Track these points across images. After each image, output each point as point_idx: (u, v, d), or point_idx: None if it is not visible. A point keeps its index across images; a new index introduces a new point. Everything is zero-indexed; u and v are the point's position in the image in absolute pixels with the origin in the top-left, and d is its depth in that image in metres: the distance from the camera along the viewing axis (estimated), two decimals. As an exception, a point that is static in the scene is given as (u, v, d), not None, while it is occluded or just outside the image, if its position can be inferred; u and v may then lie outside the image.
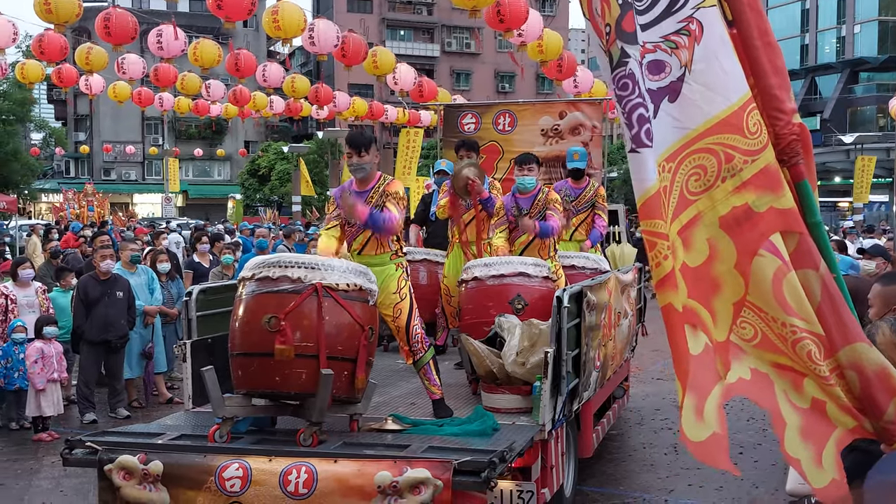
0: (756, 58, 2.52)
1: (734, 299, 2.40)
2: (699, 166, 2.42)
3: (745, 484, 6.17)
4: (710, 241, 2.40)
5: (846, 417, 2.36)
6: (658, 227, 2.31)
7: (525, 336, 4.87)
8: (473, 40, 56.05)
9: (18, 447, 7.27)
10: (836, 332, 2.39)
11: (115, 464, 4.06)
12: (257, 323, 4.16)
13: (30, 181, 37.57)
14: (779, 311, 2.36)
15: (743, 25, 2.50)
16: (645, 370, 10.24)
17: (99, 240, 9.53)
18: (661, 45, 2.39)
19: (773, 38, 2.59)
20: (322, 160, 39.07)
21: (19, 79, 15.43)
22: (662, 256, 2.30)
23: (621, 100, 2.37)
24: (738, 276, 2.39)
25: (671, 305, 2.31)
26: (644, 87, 2.35)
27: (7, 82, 29.98)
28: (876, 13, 51.90)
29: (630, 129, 2.35)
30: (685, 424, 2.31)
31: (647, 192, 2.31)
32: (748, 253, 2.38)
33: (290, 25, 10.55)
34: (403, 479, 3.75)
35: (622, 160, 38.81)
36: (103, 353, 8.02)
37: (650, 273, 2.49)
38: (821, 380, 2.35)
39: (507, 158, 8.66)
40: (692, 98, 2.40)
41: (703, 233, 2.40)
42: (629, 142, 2.37)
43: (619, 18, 2.35)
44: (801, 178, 2.54)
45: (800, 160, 2.52)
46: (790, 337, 2.37)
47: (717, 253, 2.41)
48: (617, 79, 2.37)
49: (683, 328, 2.31)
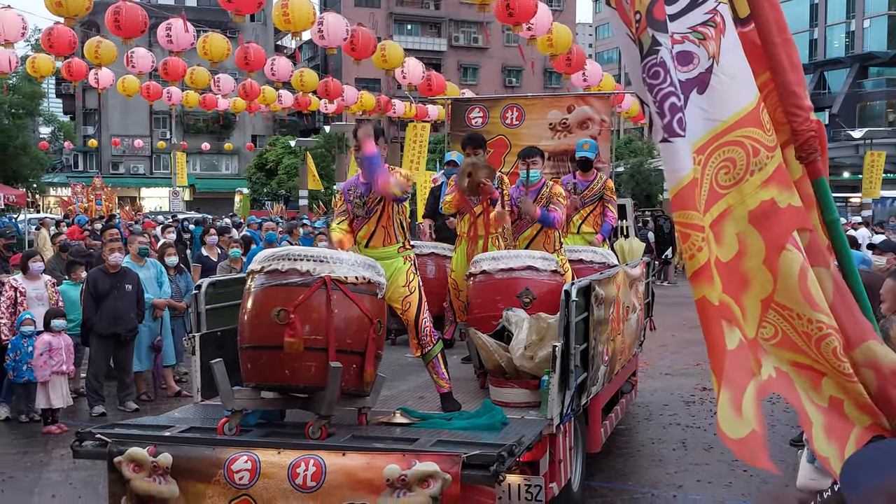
0: (775, 54, 2.49)
1: (762, 296, 2.37)
2: (728, 159, 2.38)
3: (755, 480, 6.15)
4: (739, 236, 2.37)
5: (863, 416, 2.33)
6: (692, 219, 2.26)
7: (533, 330, 4.86)
8: (481, 35, 55.93)
9: (28, 440, 7.30)
10: (850, 329, 2.36)
11: (124, 456, 4.07)
12: (266, 316, 4.17)
13: (38, 175, 37.67)
14: (805, 307, 2.32)
15: (761, 21, 2.47)
16: (653, 365, 10.22)
17: (108, 233, 9.53)
18: (688, 36, 2.36)
19: (790, 35, 2.56)
20: (329, 154, 39.07)
21: (30, 72, 15.45)
22: (696, 248, 2.24)
23: (652, 88, 2.31)
24: (767, 272, 2.35)
25: (706, 299, 2.26)
26: (675, 77, 2.31)
27: (16, 76, 30.04)
28: (886, 7, 51.55)
29: (662, 119, 2.30)
30: (722, 421, 2.26)
31: (680, 181, 2.25)
32: (776, 248, 2.34)
33: (300, 19, 10.56)
34: (412, 473, 3.75)
35: (629, 155, 38.74)
36: (112, 346, 8.05)
37: (658, 268, 2.47)
38: (843, 377, 2.31)
39: (514, 153, 8.62)
40: (720, 90, 2.37)
41: (733, 227, 2.37)
42: (661, 131, 2.31)
43: (649, 6, 2.31)
44: (819, 174, 2.51)
45: (817, 157, 2.50)
46: (815, 334, 2.33)
47: (747, 248, 2.37)
48: (647, 67, 2.31)
49: (720, 322, 2.27)
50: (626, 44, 2.49)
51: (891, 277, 4.55)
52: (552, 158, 8.61)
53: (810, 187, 2.52)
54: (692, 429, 7.52)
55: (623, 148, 33.18)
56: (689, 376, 9.79)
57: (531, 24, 10.67)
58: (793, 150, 2.50)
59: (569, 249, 6.62)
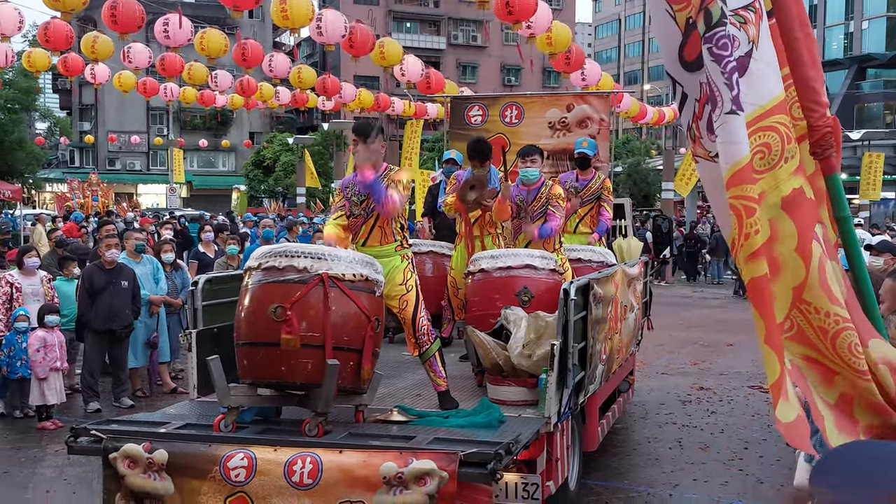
0: (797, 49, 2.48)
1: (794, 283, 2.34)
2: (764, 144, 2.37)
3: (750, 479, 6.15)
4: (771, 221, 2.35)
5: (872, 416, 2.32)
6: (750, 192, 2.23)
7: (531, 328, 4.85)
8: (480, 33, 55.92)
9: (22, 435, 7.27)
10: (860, 326, 2.35)
11: (119, 452, 4.05)
12: (263, 312, 4.15)
13: (34, 170, 37.61)
14: (824, 299, 2.30)
15: (784, 15, 2.46)
16: (650, 364, 10.22)
17: (104, 229, 9.53)
18: (731, 19, 2.34)
19: (811, 30, 2.55)
20: (327, 152, 39.04)
21: (26, 67, 15.39)
22: (754, 230, 2.22)
23: (721, 59, 2.28)
24: (799, 260, 2.33)
25: (766, 278, 2.22)
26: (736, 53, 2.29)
27: (12, 71, 29.98)
28: (884, 9, 51.62)
29: (731, 90, 2.26)
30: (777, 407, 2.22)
31: (744, 157, 2.21)
32: (807, 237, 2.33)
33: (298, 15, 10.53)
34: (409, 470, 3.73)
35: (626, 154, 38.77)
36: (108, 342, 8.02)
37: (656, 267, 2.44)
38: (857, 374, 2.29)
39: (513, 151, 8.61)
40: (758, 75, 2.36)
41: (766, 213, 2.35)
42: (728, 103, 2.27)
43: None
44: (833, 170, 2.50)
45: (832, 153, 2.49)
46: (832, 328, 2.31)
47: (778, 234, 2.35)
48: (716, 38, 2.28)
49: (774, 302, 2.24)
50: (662, 20, 2.45)
51: (890, 277, 4.56)
52: (551, 157, 8.60)
53: (823, 182, 2.51)
54: (688, 428, 7.52)
55: (621, 148, 33.21)
56: (685, 375, 9.79)
57: (530, 23, 10.65)
58: (807, 146, 2.49)
59: (567, 248, 6.61)
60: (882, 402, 2.31)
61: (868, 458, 1.70)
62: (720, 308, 16.53)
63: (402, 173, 4.95)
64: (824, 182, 2.50)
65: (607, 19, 77.78)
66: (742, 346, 11.87)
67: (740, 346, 11.82)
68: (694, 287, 20.48)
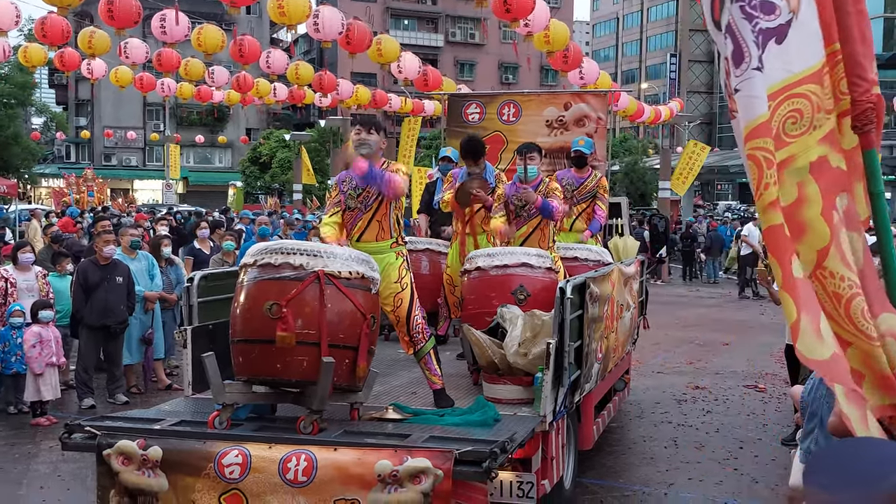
0: (847, 24, 2.51)
1: (819, 246, 2.36)
2: (796, 110, 2.40)
3: (745, 478, 6.16)
4: (799, 184, 2.37)
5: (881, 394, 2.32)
6: (768, 145, 2.26)
7: (527, 327, 4.84)
8: (478, 31, 55.85)
9: (16, 431, 7.25)
10: (872, 298, 2.36)
11: (113, 449, 4.04)
12: (259, 309, 4.14)
13: (30, 165, 37.53)
14: (838, 262, 2.32)
15: None
16: (646, 363, 10.23)
17: (100, 224, 9.49)
18: None
19: (864, 6, 2.58)
20: (323, 148, 39.01)
21: (22, 62, 15.33)
22: (773, 181, 2.24)
23: (752, 18, 2.33)
24: (824, 223, 2.35)
25: (781, 226, 2.24)
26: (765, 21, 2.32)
27: (8, 65, 29.89)
28: (882, 10, 51.70)
29: (758, 49, 2.30)
30: (802, 344, 2.19)
31: (761, 115, 2.24)
32: (830, 202, 2.35)
33: (295, 11, 10.49)
34: (404, 469, 3.73)
35: (624, 153, 38.78)
36: (102, 338, 8.00)
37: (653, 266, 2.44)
38: (868, 340, 2.31)
39: (511, 149, 8.60)
40: (797, 43, 2.38)
41: (795, 176, 2.37)
42: (755, 59, 2.31)
43: None
44: (871, 146, 2.54)
45: (872, 129, 2.52)
46: (846, 293, 2.32)
47: (806, 196, 2.37)
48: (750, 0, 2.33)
49: (791, 251, 2.25)
50: None
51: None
52: (548, 155, 8.58)
53: (861, 157, 2.55)
54: (683, 427, 7.53)
55: (618, 146, 33.22)
56: (681, 375, 9.80)
57: (528, 21, 10.63)
58: (849, 121, 2.52)
59: (564, 247, 6.60)
60: (891, 373, 2.31)
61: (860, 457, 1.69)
62: (716, 307, 16.55)
63: (398, 164, 4.96)
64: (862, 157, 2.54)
65: (605, 18, 77.83)
66: (738, 345, 11.89)
67: (736, 346, 11.83)
68: (690, 286, 20.51)
